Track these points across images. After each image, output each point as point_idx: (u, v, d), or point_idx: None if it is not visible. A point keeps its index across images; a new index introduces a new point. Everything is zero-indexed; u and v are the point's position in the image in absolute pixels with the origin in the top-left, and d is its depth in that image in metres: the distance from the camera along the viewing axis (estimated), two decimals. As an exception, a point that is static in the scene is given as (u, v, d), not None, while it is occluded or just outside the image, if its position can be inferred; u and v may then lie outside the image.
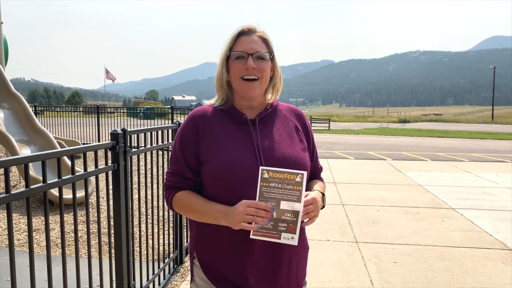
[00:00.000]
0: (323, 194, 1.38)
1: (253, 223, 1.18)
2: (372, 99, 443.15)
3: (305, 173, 1.19)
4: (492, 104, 53.30)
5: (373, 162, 11.09)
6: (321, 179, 1.55)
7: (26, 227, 4.14)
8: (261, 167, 1.20)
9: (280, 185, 1.19)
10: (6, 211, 1.49)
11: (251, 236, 1.20)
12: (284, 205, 1.19)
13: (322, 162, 9.02)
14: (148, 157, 3.24)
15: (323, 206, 1.37)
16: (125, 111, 14.84)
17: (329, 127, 30.08)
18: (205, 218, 1.33)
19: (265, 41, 1.39)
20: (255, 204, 1.18)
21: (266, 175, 1.19)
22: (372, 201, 6.36)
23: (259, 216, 1.18)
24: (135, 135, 2.70)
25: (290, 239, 1.20)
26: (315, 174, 1.54)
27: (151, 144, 2.95)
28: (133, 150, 2.65)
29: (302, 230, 1.42)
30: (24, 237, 4.33)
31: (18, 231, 4.51)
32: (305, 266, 1.49)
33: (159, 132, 3.16)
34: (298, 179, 1.19)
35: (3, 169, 1.46)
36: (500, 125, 38.92)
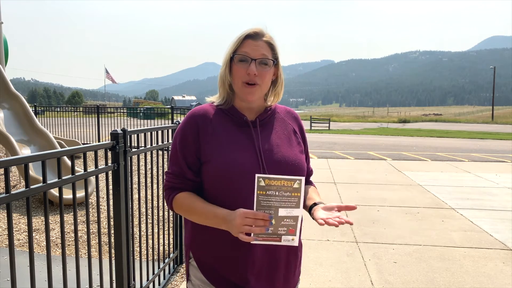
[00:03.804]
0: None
1: (252, 234, 1.16)
2: (372, 99, 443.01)
3: (303, 178, 1.17)
4: (492, 104, 53.29)
5: (373, 162, 11.09)
6: (312, 183, 1.55)
7: (26, 227, 4.14)
8: (257, 175, 1.17)
9: (277, 193, 1.16)
10: (6, 211, 1.49)
11: (252, 242, 1.18)
12: (282, 212, 1.16)
13: (322, 162, 8.98)
14: (148, 157, 3.24)
15: None
16: (125, 111, 14.84)
17: (329, 127, 30.08)
18: (206, 221, 1.31)
19: (271, 46, 1.37)
20: (252, 214, 1.15)
21: (262, 183, 1.16)
22: (372, 201, 6.36)
23: (257, 225, 1.15)
24: (135, 135, 2.70)
25: (290, 240, 1.19)
26: (307, 178, 1.54)
27: (151, 144, 2.95)
28: (133, 150, 2.65)
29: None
30: (24, 237, 4.32)
31: (18, 231, 4.51)
32: (300, 263, 1.50)
33: (159, 132, 3.16)
34: (295, 185, 1.16)
35: (3, 169, 1.46)
36: (500, 125, 38.92)
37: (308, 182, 1.54)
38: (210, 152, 1.33)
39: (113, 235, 2.53)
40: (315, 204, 1.35)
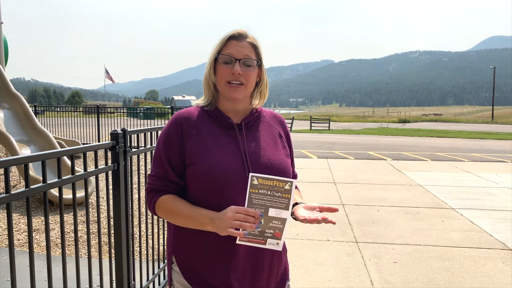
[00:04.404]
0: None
1: (240, 229, 1.17)
2: (372, 99, 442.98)
3: (294, 181, 1.20)
4: (492, 104, 53.29)
5: (373, 162, 11.09)
6: (296, 186, 1.56)
7: (26, 227, 4.14)
8: (251, 174, 1.19)
9: (269, 192, 1.19)
10: (6, 211, 1.49)
11: (237, 242, 1.20)
12: (272, 212, 1.19)
13: (322, 162, 8.96)
14: (148, 157, 3.24)
15: None
16: (125, 111, 14.83)
17: (329, 127, 30.07)
18: (191, 223, 1.30)
19: (255, 47, 1.38)
20: (244, 210, 1.17)
21: (255, 182, 1.19)
22: (372, 201, 6.36)
23: (248, 222, 1.17)
24: (135, 135, 2.70)
25: (275, 244, 1.22)
26: None
27: (151, 144, 2.95)
28: (133, 150, 2.65)
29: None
30: (24, 237, 4.32)
31: (18, 231, 4.51)
32: (285, 268, 1.50)
33: (159, 132, 3.16)
34: (287, 187, 1.19)
35: (3, 169, 1.46)
36: (500, 125, 38.90)
37: None
38: (195, 154, 1.32)
39: (113, 235, 2.53)
40: (296, 203, 1.37)
